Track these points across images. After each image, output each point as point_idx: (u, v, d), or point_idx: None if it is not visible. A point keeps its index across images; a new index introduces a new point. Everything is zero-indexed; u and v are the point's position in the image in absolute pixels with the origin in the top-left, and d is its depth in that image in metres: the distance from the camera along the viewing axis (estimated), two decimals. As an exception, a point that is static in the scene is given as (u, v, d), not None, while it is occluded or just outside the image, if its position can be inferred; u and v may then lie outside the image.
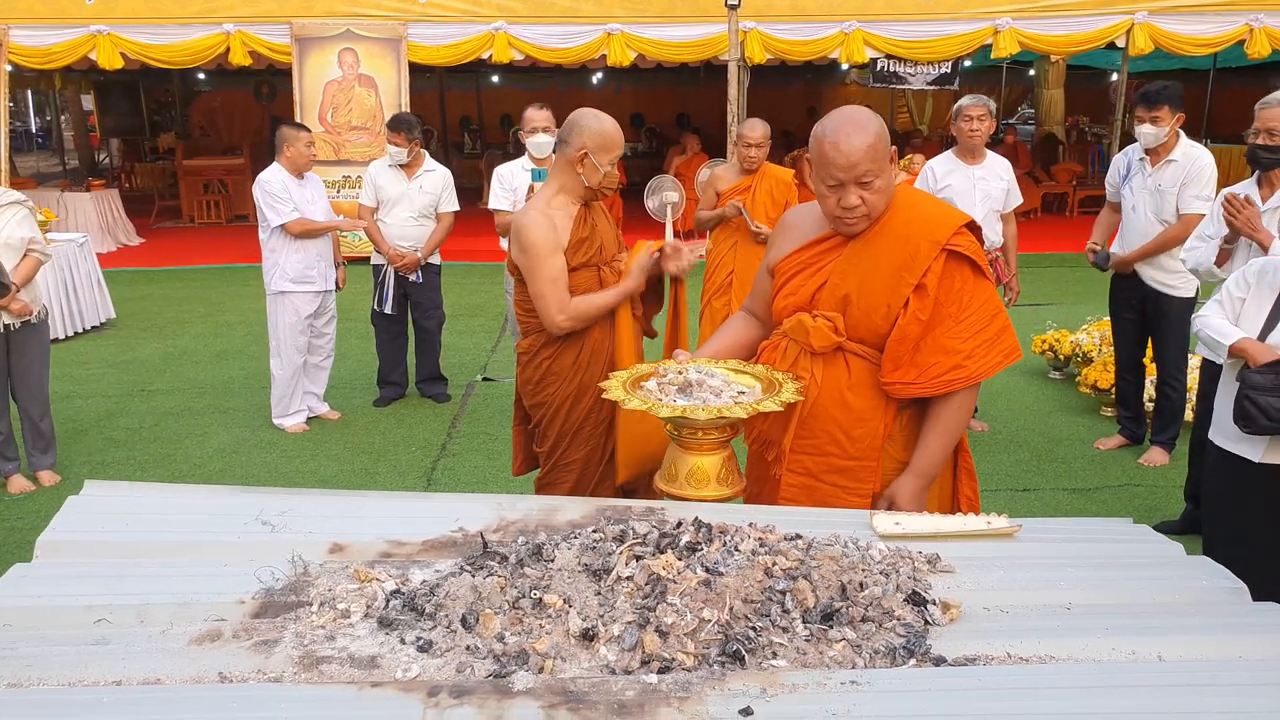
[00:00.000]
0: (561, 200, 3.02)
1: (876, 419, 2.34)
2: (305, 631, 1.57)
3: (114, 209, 12.10)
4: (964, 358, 2.26)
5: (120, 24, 10.11)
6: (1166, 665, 1.48)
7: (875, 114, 2.35)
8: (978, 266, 2.29)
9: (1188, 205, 4.55)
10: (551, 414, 3.07)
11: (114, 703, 1.35)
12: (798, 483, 2.42)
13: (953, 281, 2.27)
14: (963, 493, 2.50)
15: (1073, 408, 5.94)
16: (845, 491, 2.37)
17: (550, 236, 2.95)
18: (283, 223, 5.34)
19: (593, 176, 2.97)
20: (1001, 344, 2.30)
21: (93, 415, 5.95)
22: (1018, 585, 1.73)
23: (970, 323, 2.28)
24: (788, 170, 5.65)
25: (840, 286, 2.32)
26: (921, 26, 10.58)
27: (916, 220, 2.29)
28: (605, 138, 2.95)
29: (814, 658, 1.48)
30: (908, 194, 2.39)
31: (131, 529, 1.86)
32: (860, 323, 2.31)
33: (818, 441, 2.38)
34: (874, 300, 2.28)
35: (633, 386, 2.29)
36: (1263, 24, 10.21)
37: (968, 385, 2.30)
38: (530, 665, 1.46)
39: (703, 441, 2.27)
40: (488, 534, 1.90)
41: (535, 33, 10.51)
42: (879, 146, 2.24)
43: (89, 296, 7.97)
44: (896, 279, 2.26)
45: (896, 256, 2.27)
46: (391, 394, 6.14)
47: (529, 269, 2.97)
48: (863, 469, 2.36)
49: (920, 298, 2.24)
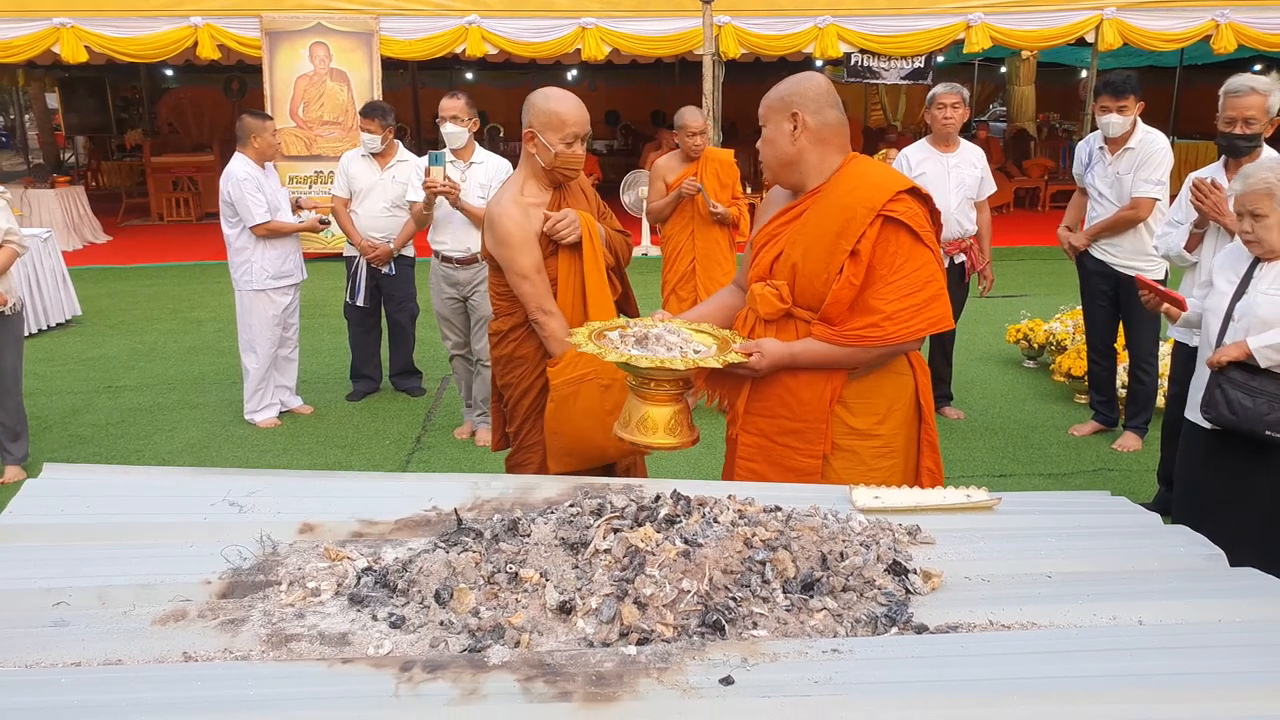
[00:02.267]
0: (532, 187, 2.96)
1: (823, 383, 2.41)
2: (274, 610, 1.53)
3: (80, 206, 11.89)
4: (883, 318, 2.31)
5: (84, 17, 9.94)
6: (1147, 629, 1.47)
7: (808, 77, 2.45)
8: (916, 234, 2.32)
9: (1138, 188, 4.64)
10: (519, 395, 3.04)
11: (72, 683, 1.30)
12: (753, 443, 2.52)
13: (888, 246, 2.31)
14: (924, 465, 2.56)
15: (1047, 395, 5.97)
16: (797, 452, 2.46)
17: (525, 225, 2.89)
18: (255, 223, 5.25)
19: (545, 156, 2.88)
20: (929, 311, 2.33)
21: (58, 412, 5.83)
22: (998, 555, 1.72)
23: (898, 285, 2.31)
24: (728, 151, 5.66)
25: (790, 255, 2.41)
26: (894, 21, 10.63)
27: (857, 188, 2.35)
28: (552, 115, 2.84)
29: (795, 627, 1.46)
30: (860, 164, 2.44)
31: (92, 511, 1.81)
32: (806, 289, 2.39)
33: (769, 404, 2.47)
34: (815, 267, 2.36)
35: (597, 338, 2.36)
36: (1229, 19, 10.34)
37: (883, 345, 2.35)
38: (506, 639, 1.43)
39: (655, 393, 2.35)
40: (463, 512, 1.87)
41: (509, 27, 10.44)
42: (769, 95, 2.43)
43: (53, 293, 7.83)
44: (834, 245, 2.33)
45: (836, 223, 2.33)
46: (365, 388, 6.07)
47: (507, 260, 2.92)
48: (812, 431, 2.43)
49: (854, 263, 2.31)
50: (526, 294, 2.91)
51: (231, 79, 15.77)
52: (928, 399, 2.55)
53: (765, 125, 2.43)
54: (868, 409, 2.44)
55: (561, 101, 2.87)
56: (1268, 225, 2.90)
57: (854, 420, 2.44)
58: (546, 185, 2.96)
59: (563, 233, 2.88)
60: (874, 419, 2.45)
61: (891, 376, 2.47)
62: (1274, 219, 2.89)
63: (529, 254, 2.88)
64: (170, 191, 13.99)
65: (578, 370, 2.82)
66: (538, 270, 2.90)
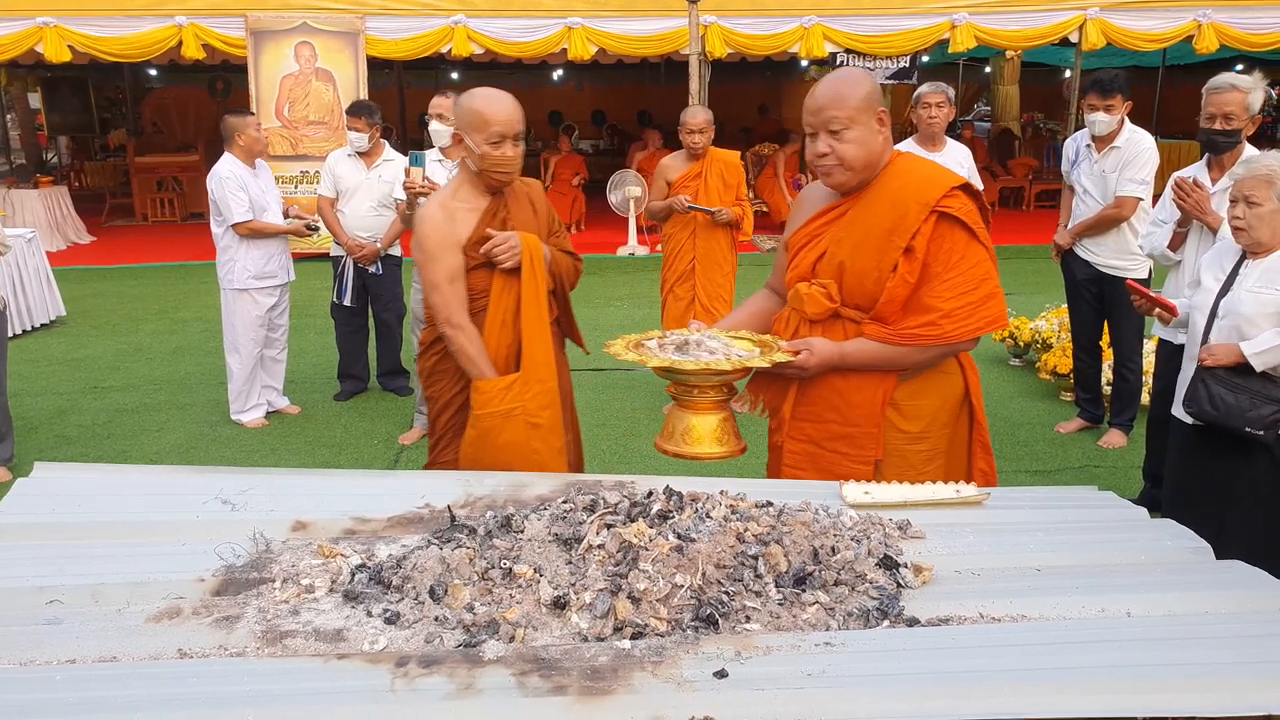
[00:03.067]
0: (467, 192, 2.78)
1: (875, 385, 2.34)
2: (268, 607, 1.53)
3: (63, 207, 11.81)
4: (940, 316, 2.25)
5: (68, 16, 9.87)
6: (1135, 621, 1.49)
7: (868, 75, 2.37)
8: (971, 230, 2.28)
9: (1123, 187, 4.67)
10: (439, 409, 2.90)
11: (67, 680, 1.30)
12: (801, 450, 2.42)
13: (942, 243, 2.26)
14: (977, 466, 2.49)
15: (1033, 393, 6.01)
16: (847, 458, 2.36)
17: (445, 232, 2.71)
18: (235, 221, 5.23)
19: (472, 158, 2.72)
20: (986, 310, 2.28)
21: (44, 413, 5.80)
22: (987, 549, 1.74)
23: (954, 282, 2.26)
24: (733, 152, 5.59)
25: (836, 254, 2.34)
26: (880, 21, 10.69)
27: (909, 184, 2.30)
28: (475, 115, 2.66)
29: (788, 621, 1.48)
30: (906, 160, 2.40)
31: (84, 510, 1.81)
32: (855, 289, 2.32)
33: (817, 409, 2.39)
34: (865, 265, 2.29)
35: (635, 346, 2.30)
36: (1211, 19, 10.43)
37: (939, 345, 2.29)
38: (501, 634, 1.44)
39: (699, 400, 2.28)
40: (455, 509, 1.87)
41: (495, 26, 10.43)
42: (849, 95, 2.26)
43: (37, 293, 7.76)
44: (886, 242, 2.27)
45: (887, 220, 2.27)
46: (352, 388, 6.05)
47: (420, 265, 2.78)
48: (864, 435, 2.35)
49: (909, 260, 2.25)
50: (434, 304, 2.76)
51: (216, 79, 15.70)
52: (978, 398, 2.48)
53: (852, 128, 2.26)
54: (918, 411, 2.37)
55: (487, 100, 2.69)
56: (1260, 214, 2.90)
57: (904, 423, 2.37)
58: (483, 190, 2.79)
59: (500, 257, 2.71)
60: (924, 422, 2.38)
61: (941, 376, 2.40)
62: (1268, 209, 2.90)
63: (442, 263, 2.71)
64: (154, 192, 13.91)
65: (505, 404, 2.67)
66: (450, 280, 2.73)
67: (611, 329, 7.37)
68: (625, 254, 10.80)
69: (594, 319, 7.34)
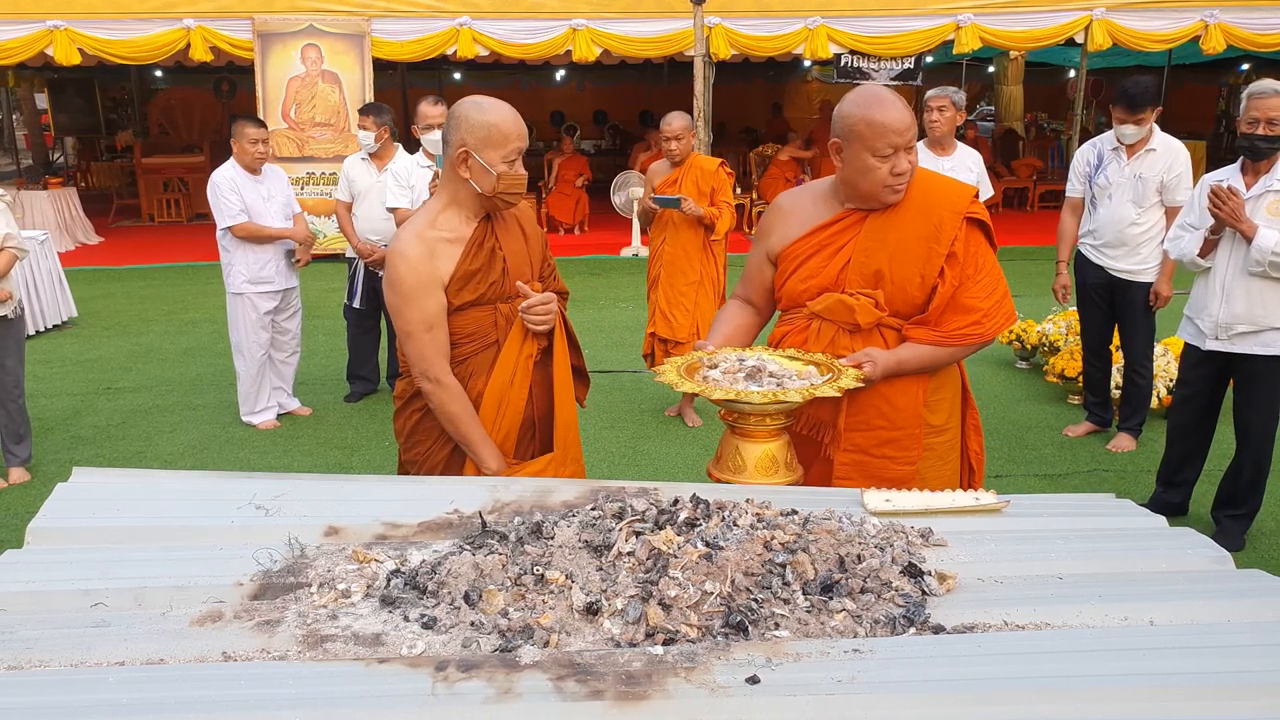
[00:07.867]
0: (450, 218, 2.40)
1: (915, 387, 2.45)
2: (307, 611, 1.56)
3: (72, 207, 11.86)
4: (982, 315, 2.41)
5: (78, 19, 9.92)
6: (1159, 629, 1.52)
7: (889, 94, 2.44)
8: (989, 234, 2.45)
9: (1177, 197, 4.62)
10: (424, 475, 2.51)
11: (119, 681, 1.33)
12: (850, 460, 2.48)
13: (970, 246, 2.41)
14: (970, 448, 2.62)
15: (1040, 396, 6.04)
16: (893, 462, 2.46)
17: (424, 271, 2.33)
18: (228, 225, 5.25)
19: (483, 180, 2.33)
20: (1007, 305, 2.47)
21: (59, 414, 5.84)
22: (1009, 557, 1.76)
23: (985, 283, 2.42)
24: (712, 160, 5.58)
25: (869, 263, 2.41)
26: (884, 22, 10.71)
27: (935, 193, 2.43)
28: (490, 129, 2.31)
29: (816, 628, 1.50)
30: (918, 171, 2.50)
31: (123, 514, 1.84)
32: (896, 296, 2.42)
33: (865, 417, 2.46)
34: (908, 272, 2.39)
35: (687, 372, 2.26)
36: (1218, 20, 10.45)
37: (982, 341, 2.44)
38: (535, 640, 1.47)
39: (757, 429, 2.23)
40: (484, 515, 1.90)
41: (500, 28, 10.47)
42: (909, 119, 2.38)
43: (50, 295, 7.82)
44: (926, 250, 2.38)
45: (922, 228, 2.38)
46: (362, 389, 6.09)
47: (395, 308, 2.38)
48: (907, 437, 2.46)
49: (953, 265, 2.38)
50: (410, 355, 2.39)
51: (221, 80, 15.76)
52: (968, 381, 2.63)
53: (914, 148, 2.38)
54: (941, 404, 2.52)
55: (500, 112, 2.35)
56: None
57: (933, 418, 2.50)
58: (472, 215, 2.41)
59: (534, 321, 2.41)
60: (945, 414, 2.53)
61: (949, 367, 2.53)
62: None
63: (419, 306, 2.33)
64: (161, 193, 13.97)
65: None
66: (428, 328, 2.35)
67: (615, 330, 7.41)
68: (629, 255, 10.83)
69: (598, 321, 7.41)
